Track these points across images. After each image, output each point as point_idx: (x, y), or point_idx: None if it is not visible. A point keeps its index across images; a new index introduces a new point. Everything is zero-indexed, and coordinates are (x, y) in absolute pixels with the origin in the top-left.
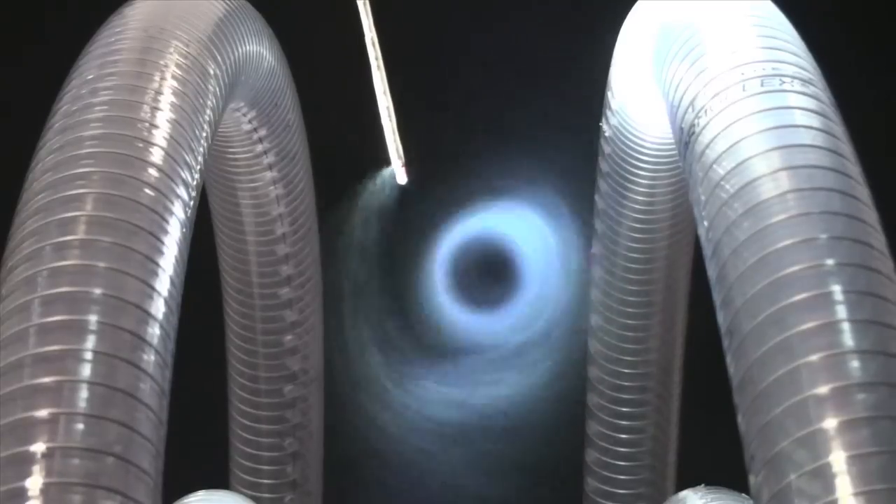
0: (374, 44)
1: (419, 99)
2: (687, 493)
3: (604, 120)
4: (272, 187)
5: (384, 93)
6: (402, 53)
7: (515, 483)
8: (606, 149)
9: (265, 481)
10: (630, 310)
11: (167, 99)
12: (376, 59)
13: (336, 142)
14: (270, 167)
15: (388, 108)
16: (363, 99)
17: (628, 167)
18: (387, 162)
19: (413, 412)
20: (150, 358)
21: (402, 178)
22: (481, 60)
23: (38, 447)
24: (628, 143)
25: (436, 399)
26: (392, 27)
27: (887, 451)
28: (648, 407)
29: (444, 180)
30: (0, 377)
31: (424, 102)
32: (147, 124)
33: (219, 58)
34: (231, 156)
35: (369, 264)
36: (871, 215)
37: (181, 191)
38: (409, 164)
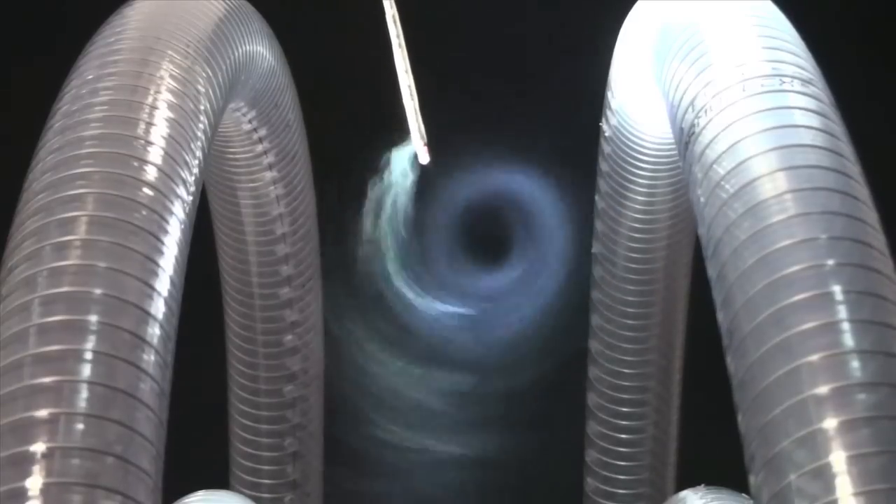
0: (395, 21)
1: (442, 77)
2: (687, 493)
3: (604, 120)
4: (272, 187)
5: (406, 71)
6: (426, 31)
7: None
8: (606, 149)
9: (265, 481)
10: (630, 310)
11: (167, 99)
12: (398, 36)
13: (357, 121)
14: (270, 167)
15: (409, 87)
16: (384, 77)
17: (628, 167)
18: (409, 142)
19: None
20: (150, 358)
21: (424, 159)
22: (507, 39)
23: (39, 447)
24: (628, 143)
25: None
26: (414, 4)
27: (888, 451)
28: (648, 407)
29: (467, 161)
30: (0, 377)
31: (447, 81)
32: (147, 124)
33: (219, 58)
34: (231, 156)
35: (390, 244)
36: (871, 215)
37: (181, 190)
38: (432, 144)
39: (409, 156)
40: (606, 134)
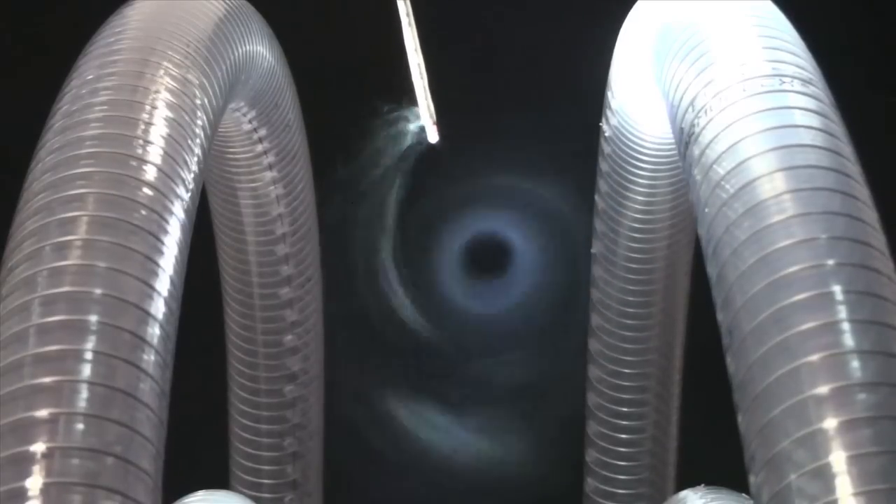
0: None
1: (453, 56)
2: (687, 493)
3: (604, 120)
4: (272, 187)
5: (416, 50)
6: (435, 9)
7: None
8: (606, 149)
9: (265, 481)
10: (630, 310)
11: (167, 99)
12: (407, 14)
13: (365, 98)
14: (270, 167)
15: (419, 65)
16: (394, 54)
17: (628, 167)
18: (418, 120)
19: None
20: (150, 358)
21: (433, 137)
22: (507, 39)
23: (38, 447)
24: (628, 143)
25: None
26: None
27: (888, 451)
28: (648, 407)
29: (477, 140)
30: (0, 377)
31: (458, 60)
32: (147, 124)
33: (219, 58)
34: (231, 156)
35: (399, 224)
36: (871, 215)
37: (181, 190)
38: (441, 123)
39: (417, 133)
40: (606, 134)
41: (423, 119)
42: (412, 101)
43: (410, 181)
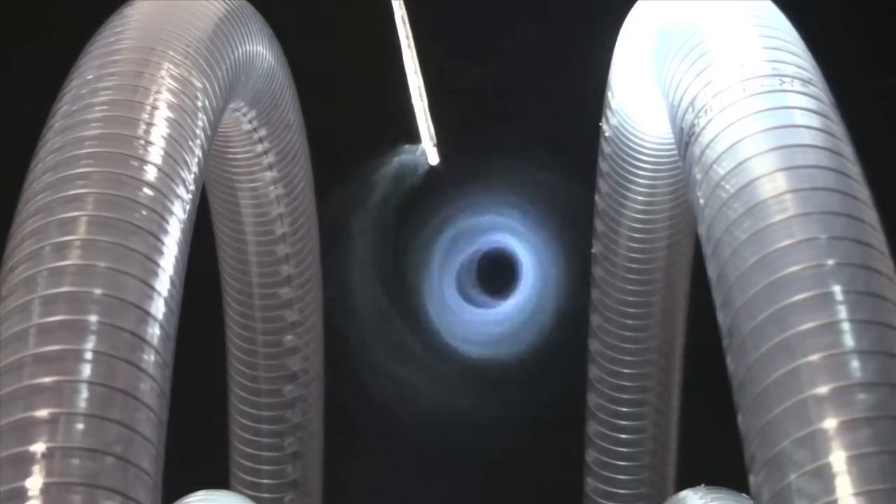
0: (404, 21)
1: (453, 78)
2: (687, 493)
3: (604, 120)
4: (272, 187)
5: (415, 72)
6: (435, 31)
7: None
8: (606, 149)
9: (265, 481)
10: (630, 310)
11: (167, 99)
12: (407, 37)
13: (365, 121)
14: (270, 167)
15: (419, 87)
16: (394, 77)
17: (628, 167)
18: (417, 142)
19: None
20: (150, 358)
21: (433, 159)
22: (507, 40)
23: (38, 447)
24: (628, 143)
25: None
26: (423, 4)
27: (888, 451)
28: (648, 407)
29: (476, 161)
30: (0, 377)
31: (458, 81)
32: (147, 124)
33: (219, 58)
34: (231, 156)
35: (398, 245)
36: (871, 215)
37: (181, 190)
38: (441, 145)
39: (418, 155)
40: (606, 134)
41: (424, 141)
42: (412, 123)
43: (409, 202)
